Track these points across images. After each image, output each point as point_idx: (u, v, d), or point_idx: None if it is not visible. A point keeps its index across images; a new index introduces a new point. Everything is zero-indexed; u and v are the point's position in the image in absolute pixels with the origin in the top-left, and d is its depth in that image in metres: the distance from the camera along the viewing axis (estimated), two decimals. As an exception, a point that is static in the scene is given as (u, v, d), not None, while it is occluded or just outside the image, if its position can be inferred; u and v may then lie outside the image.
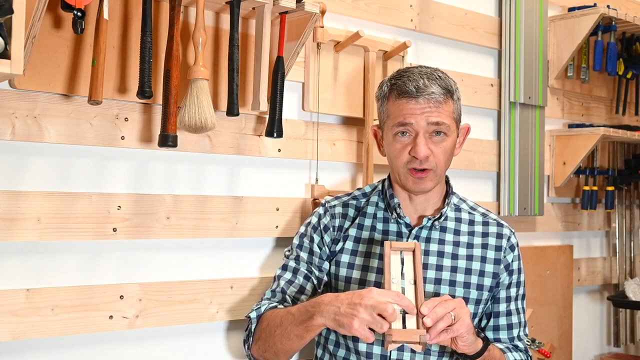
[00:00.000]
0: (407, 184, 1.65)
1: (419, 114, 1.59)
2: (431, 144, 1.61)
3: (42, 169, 1.58)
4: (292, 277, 1.73)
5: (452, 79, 1.67)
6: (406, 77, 1.61)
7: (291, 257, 1.77)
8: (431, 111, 1.59)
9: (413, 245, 1.51)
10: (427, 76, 1.61)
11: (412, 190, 1.66)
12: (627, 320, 3.06)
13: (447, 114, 1.61)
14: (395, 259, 1.50)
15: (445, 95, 1.61)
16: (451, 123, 1.62)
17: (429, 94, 1.58)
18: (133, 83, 1.65)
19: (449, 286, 1.65)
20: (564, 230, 2.82)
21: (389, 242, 1.50)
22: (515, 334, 1.72)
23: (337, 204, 1.78)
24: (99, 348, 1.67)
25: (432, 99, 1.58)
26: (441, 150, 1.62)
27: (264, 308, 1.67)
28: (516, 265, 1.73)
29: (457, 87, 1.67)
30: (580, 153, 2.68)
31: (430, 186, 1.65)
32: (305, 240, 1.76)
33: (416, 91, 1.58)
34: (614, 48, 2.75)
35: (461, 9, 2.42)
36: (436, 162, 1.62)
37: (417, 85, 1.59)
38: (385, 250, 1.49)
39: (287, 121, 1.93)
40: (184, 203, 1.77)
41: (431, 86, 1.59)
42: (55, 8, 1.51)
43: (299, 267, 1.74)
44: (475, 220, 1.74)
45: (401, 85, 1.61)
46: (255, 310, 1.68)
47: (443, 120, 1.59)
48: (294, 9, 1.72)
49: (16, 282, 1.55)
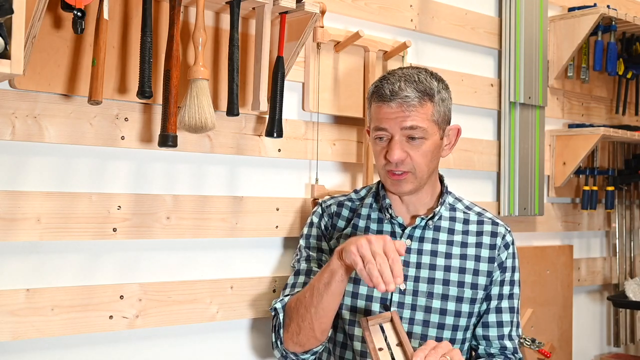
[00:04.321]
0: (386, 185, 1.69)
1: (392, 119, 1.60)
2: (408, 148, 1.62)
3: (42, 169, 1.58)
4: (305, 279, 1.73)
5: (439, 80, 1.66)
6: (385, 81, 1.63)
7: (301, 260, 1.78)
8: (404, 115, 1.60)
9: (389, 315, 1.53)
10: (405, 79, 1.61)
11: (392, 191, 1.69)
12: (627, 320, 3.06)
13: (423, 117, 1.60)
14: (375, 330, 1.52)
15: (421, 99, 1.60)
16: (429, 126, 1.61)
17: (402, 98, 1.59)
18: (133, 83, 1.65)
19: (442, 285, 1.66)
20: (564, 230, 2.82)
21: (365, 318, 1.52)
22: (505, 332, 1.71)
23: (333, 203, 1.81)
24: (99, 348, 1.67)
25: (405, 102, 1.59)
26: (419, 154, 1.62)
27: (287, 299, 1.67)
28: (510, 263, 1.73)
29: (444, 88, 1.66)
30: (580, 153, 2.68)
31: (409, 188, 1.66)
32: (312, 240, 1.79)
33: (390, 95, 1.60)
34: (614, 48, 2.75)
35: (461, 9, 2.42)
36: (414, 164, 1.63)
37: (391, 89, 1.60)
38: (362, 325, 1.51)
39: (287, 121, 1.93)
40: (184, 203, 1.77)
41: (405, 89, 1.59)
42: (55, 8, 1.51)
43: (312, 267, 1.75)
44: (470, 219, 1.74)
45: (379, 88, 1.63)
46: (280, 302, 1.67)
47: (417, 124, 1.60)
48: (294, 9, 1.72)
49: (16, 282, 1.55)
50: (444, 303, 1.65)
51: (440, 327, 1.65)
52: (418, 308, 1.65)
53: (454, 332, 1.66)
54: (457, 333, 1.67)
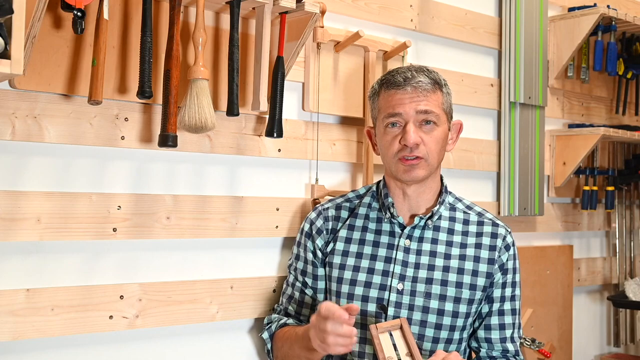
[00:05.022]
0: (398, 173, 1.67)
1: (407, 103, 1.63)
2: (421, 133, 1.64)
3: (42, 169, 1.58)
4: (292, 292, 1.81)
5: (442, 77, 1.71)
6: (395, 72, 1.68)
7: (291, 269, 1.83)
8: (419, 99, 1.63)
9: (399, 323, 1.55)
10: (415, 69, 1.67)
11: (404, 179, 1.66)
12: (627, 320, 3.06)
13: (435, 104, 1.64)
14: (384, 337, 1.53)
15: (434, 86, 1.65)
16: (440, 113, 1.65)
17: (417, 82, 1.63)
18: (133, 83, 1.65)
19: (440, 285, 1.66)
20: (564, 230, 2.82)
21: (374, 325, 1.53)
22: (507, 334, 1.71)
23: (331, 207, 1.81)
24: (99, 348, 1.67)
25: (420, 87, 1.63)
26: (432, 139, 1.64)
27: (274, 327, 1.76)
28: (511, 265, 1.72)
29: (447, 83, 1.71)
30: (580, 153, 2.68)
31: (422, 175, 1.65)
32: (301, 250, 1.81)
33: (404, 81, 1.63)
34: (614, 48, 2.75)
35: (461, 9, 2.42)
36: (427, 150, 1.64)
37: (405, 76, 1.64)
38: (372, 333, 1.52)
39: (287, 121, 1.93)
40: (184, 203, 1.77)
41: (419, 76, 1.64)
42: (55, 8, 1.51)
43: (296, 282, 1.80)
44: (470, 219, 1.74)
45: (390, 78, 1.67)
46: (267, 330, 1.77)
47: (432, 108, 1.63)
48: (294, 9, 1.72)
49: (16, 282, 1.55)
50: (441, 303, 1.65)
51: (437, 327, 1.64)
52: (415, 308, 1.65)
53: (451, 332, 1.66)
54: (454, 333, 1.67)
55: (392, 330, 1.53)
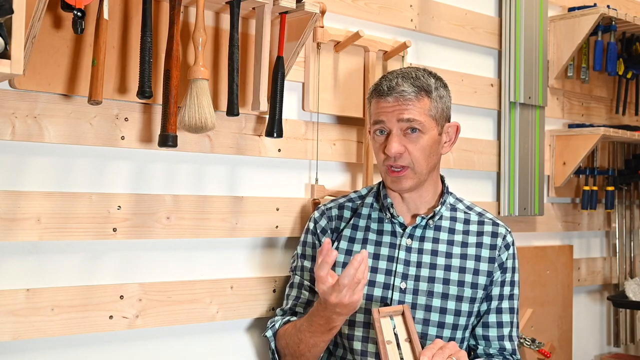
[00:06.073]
0: (387, 183, 1.71)
1: (389, 112, 1.64)
2: (406, 142, 1.64)
3: (42, 169, 1.58)
4: (297, 292, 1.79)
5: (437, 79, 1.70)
6: (384, 79, 1.69)
7: (296, 270, 1.81)
8: (401, 109, 1.63)
9: (401, 309, 1.55)
10: (403, 76, 1.67)
11: (392, 188, 1.70)
12: (627, 320, 3.06)
13: (420, 112, 1.64)
14: (385, 322, 1.53)
15: (419, 94, 1.64)
16: (426, 120, 1.64)
17: (399, 92, 1.64)
18: (133, 83, 1.65)
19: (442, 284, 1.67)
20: (564, 230, 2.82)
21: (376, 309, 1.54)
22: (505, 332, 1.72)
23: (333, 206, 1.81)
24: (99, 348, 1.67)
25: (402, 96, 1.63)
26: (417, 148, 1.64)
27: (277, 324, 1.74)
28: (510, 264, 1.73)
29: (442, 86, 1.70)
30: (580, 153, 2.68)
31: (409, 185, 1.67)
32: (307, 248, 1.80)
33: (387, 90, 1.65)
34: (614, 48, 2.75)
35: (461, 9, 2.42)
36: (412, 159, 1.64)
37: (389, 85, 1.65)
38: (374, 316, 1.52)
39: (287, 121, 1.93)
40: (184, 203, 1.77)
41: (402, 85, 1.64)
42: (55, 8, 1.51)
43: (303, 281, 1.79)
44: (471, 219, 1.75)
45: (378, 85, 1.69)
46: (270, 329, 1.75)
47: (414, 117, 1.63)
48: (294, 9, 1.72)
49: (16, 282, 1.55)
50: (444, 302, 1.66)
51: (440, 325, 1.65)
52: (418, 307, 1.65)
53: (453, 331, 1.66)
54: (456, 332, 1.67)
55: (394, 315, 1.55)
